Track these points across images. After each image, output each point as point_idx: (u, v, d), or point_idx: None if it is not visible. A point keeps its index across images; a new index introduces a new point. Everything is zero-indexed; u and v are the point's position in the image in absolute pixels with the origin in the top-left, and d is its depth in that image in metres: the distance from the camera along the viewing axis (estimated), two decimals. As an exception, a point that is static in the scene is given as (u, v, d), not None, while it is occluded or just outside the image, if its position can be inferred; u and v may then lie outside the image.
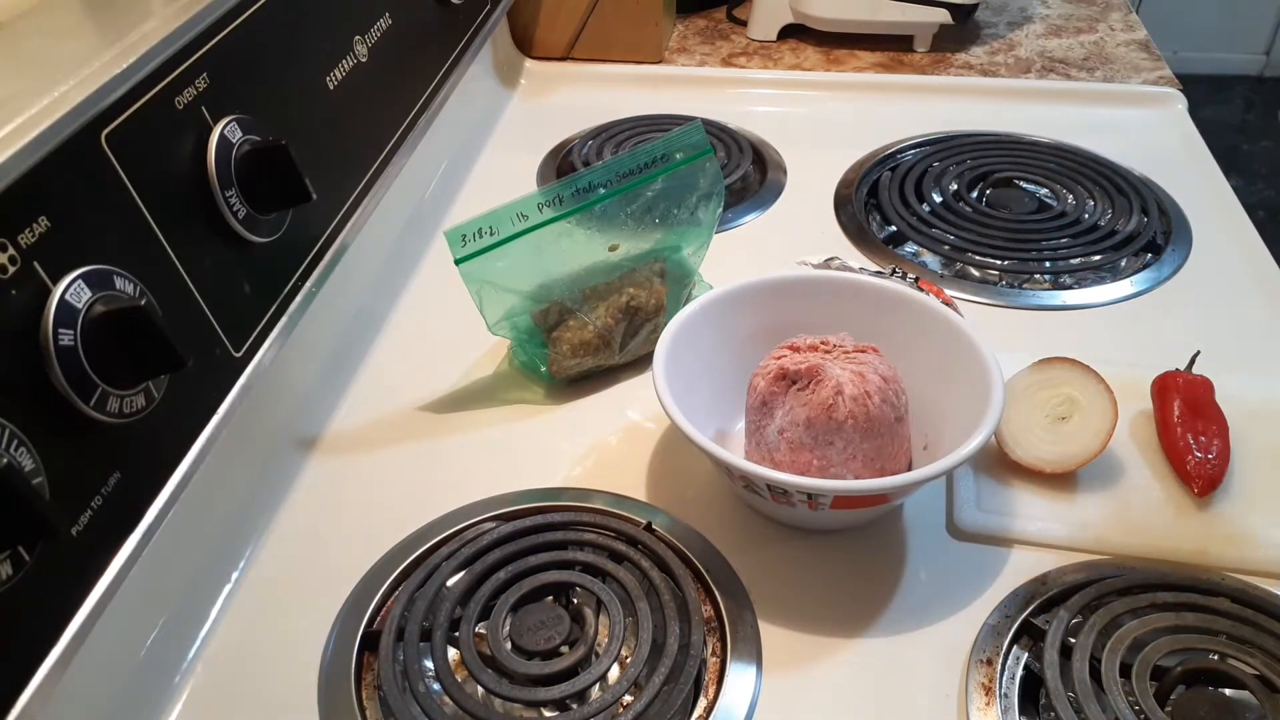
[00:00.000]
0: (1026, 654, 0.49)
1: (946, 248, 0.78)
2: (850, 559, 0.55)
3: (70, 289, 0.41)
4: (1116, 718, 0.45)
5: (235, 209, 0.52)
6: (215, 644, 0.52)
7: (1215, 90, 3.14)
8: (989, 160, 0.89)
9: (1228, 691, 0.46)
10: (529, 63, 1.08)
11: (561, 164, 0.92)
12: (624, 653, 0.50)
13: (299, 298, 0.58)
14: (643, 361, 0.68)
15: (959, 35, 1.10)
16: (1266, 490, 0.56)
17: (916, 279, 0.69)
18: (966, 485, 0.58)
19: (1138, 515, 0.55)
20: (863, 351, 0.55)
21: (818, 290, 0.62)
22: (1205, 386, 0.59)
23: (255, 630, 0.53)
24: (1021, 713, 0.47)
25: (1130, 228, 0.79)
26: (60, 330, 0.40)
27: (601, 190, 0.65)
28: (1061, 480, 0.57)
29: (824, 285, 0.62)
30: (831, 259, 0.72)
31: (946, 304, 0.63)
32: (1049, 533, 0.55)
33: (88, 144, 0.44)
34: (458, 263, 0.61)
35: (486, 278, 0.63)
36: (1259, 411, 0.61)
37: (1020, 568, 0.54)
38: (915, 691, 0.49)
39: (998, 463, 0.59)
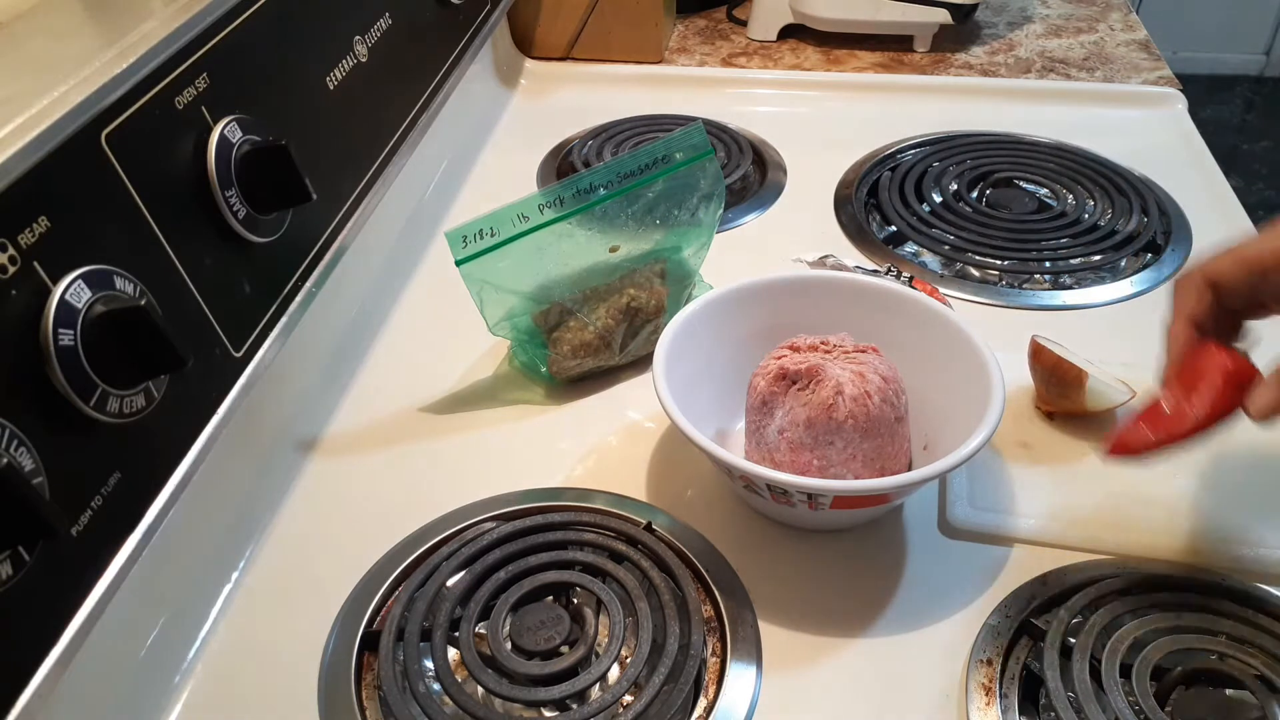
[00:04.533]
0: (1026, 654, 0.49)
1: (946, 248, 0.78)
2: (850, 559, 0.55)
3: (70, 289, 0.41)
4: (1117, 718, 0.45)
5: (235, 209, 0.52)
6: (215, 644, 0.52)
7: (1215, 90, 3.14)
8: (989, 160, 0.89)
9: (1228, 691, 0.46)
10: (529, 63, 1.08)
11: (561, 164, 0.92)
12: (624, 653, 0.50)
13: (299, 298, 0.58)
14: (643, 361, 0.68)
15: (959, 35, 1.10)
16: (1259, 491, 0.56)
17: (911, 278, 0.69)
18: (959, 482, 0.58)
19: (1130, 514, 0.55)
20: (863, 351, 0.55)
21: (818, 290, 0.62)
22: (1239, 369, 0.47)
23: (255, 630, 0.53)
24: (1021, 713, 0.47)
25: (1130, 228, 0.79)
26: (60, 330, 0.40)
27: (602, 191, 0.65)
28: (1054, 478, 0.58)
29: (824, 285, 0.62)
30: (826, 256, 0.72)
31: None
32: (1041, 530, 0.55)
33: (88, 144, 0.44)
34: (459, 264, 0.61)
35: (487, 279, 0.63)
36: (1258, 412, 0.61)
37: (1020, 567, 0.54)
38: (915, 691, 0.49)
39: (992, 459, 0.59)
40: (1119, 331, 0.70)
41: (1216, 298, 0.47)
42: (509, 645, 0.50)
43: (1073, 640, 0.48)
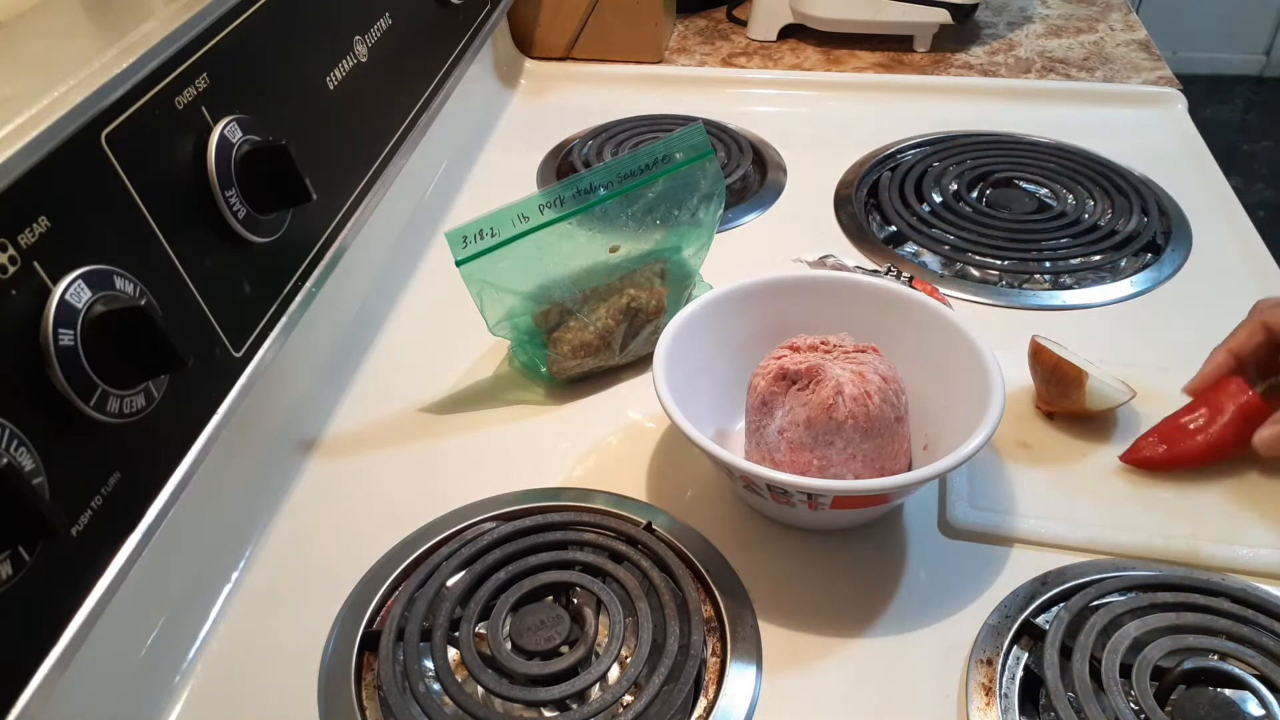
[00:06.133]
0: (1026, 654, 0.49)
1: (946, 248, 0.78)
2: (850, 559, 0.55)
3: (70, 289, 0.41)
4: (1116, 718, 0.45)
5: (235, 209, 0.52)
6: (215, 644, 0.52)
7: (1215, 90, 3.14)
8: (989, 160, 0.89)
9: (1228, 691, 0.46)
10: (529, 63, 1.08)
11: (561, 164, 0.92)
12: (624, 653, 0.50)
13: (299, 298, 0.58)
14: (643, 361, 0.68)
15: (959, 35, 1.10)
16: (1257, 492, 0.56)
17: (911, 278, 0.69)
18: (959, 482, 0.58)
19: (1130, 514, 0.55)
20: (863, 351, 0.55)
21: (818, 290, 0.62)
22: (1251, 405, 0.56)
23: (255, 630, 0.53)
24: (1021, 713, 0.47)
25: (1130, 228, 0.79)
26: (60, 330, 0.40)
27: (602, 191, 0.65)
28: (1054, 478, 0.58)
29: (824, 285, 0.62)
30: (826, 256, 0.72)
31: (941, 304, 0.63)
32: (1041, 530, 0.55)
33: (88, 144, 0.44)
34: (459, 264, 0.61)
35: (487, 279, 0.63)
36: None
37: (1020, 567, 0.54)
38: (915, 691, 0.49)
39: (992, 459, 0.59)
40: (1119, 331, 0.70)
41: (1267, 339, 0.58)
42: (509, 645, 0.50)
43: (1073, 640, 0.48)
